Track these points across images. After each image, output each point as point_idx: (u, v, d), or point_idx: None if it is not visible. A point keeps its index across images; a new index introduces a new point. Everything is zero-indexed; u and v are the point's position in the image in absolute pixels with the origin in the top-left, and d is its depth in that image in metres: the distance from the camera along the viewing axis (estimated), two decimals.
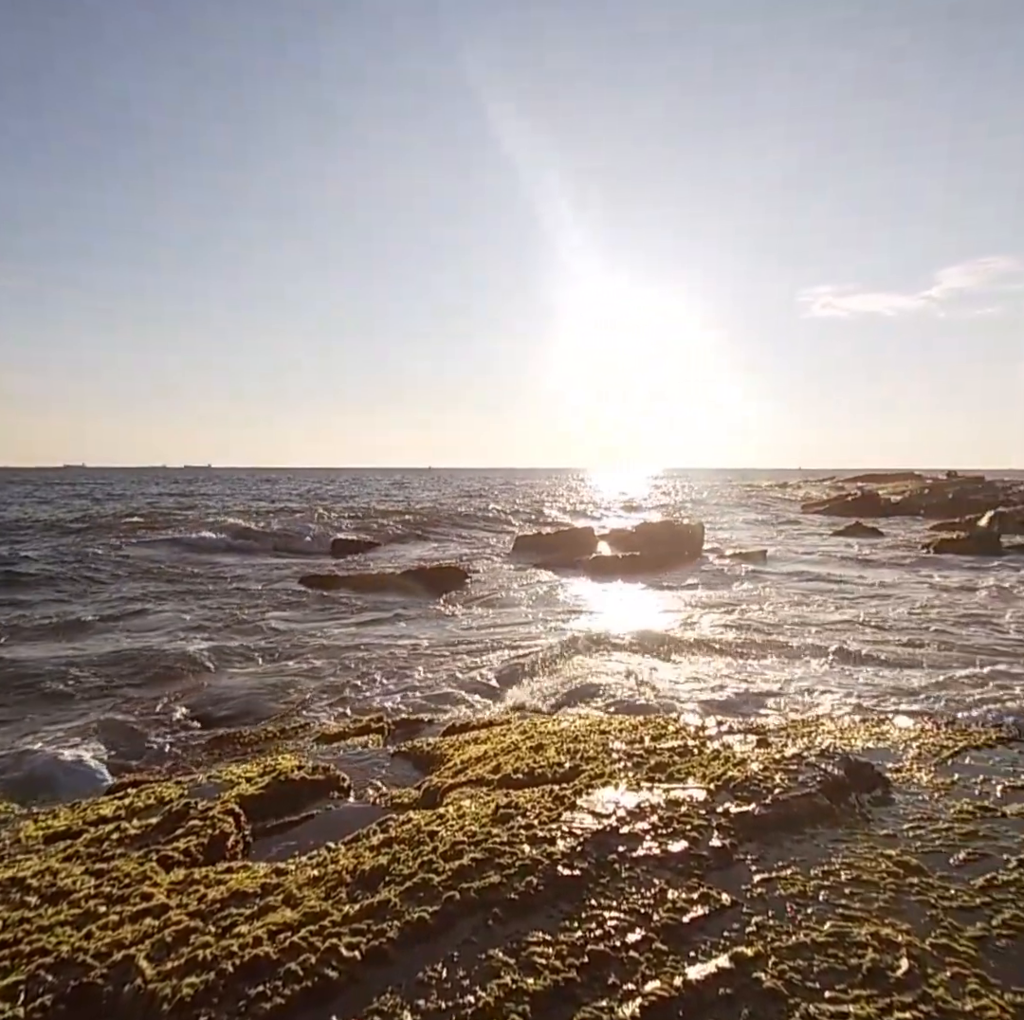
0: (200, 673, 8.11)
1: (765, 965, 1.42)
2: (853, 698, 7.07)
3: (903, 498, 39.44)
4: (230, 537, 22.14)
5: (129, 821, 2.39)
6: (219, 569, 17.04)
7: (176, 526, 25.01)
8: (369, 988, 1.37)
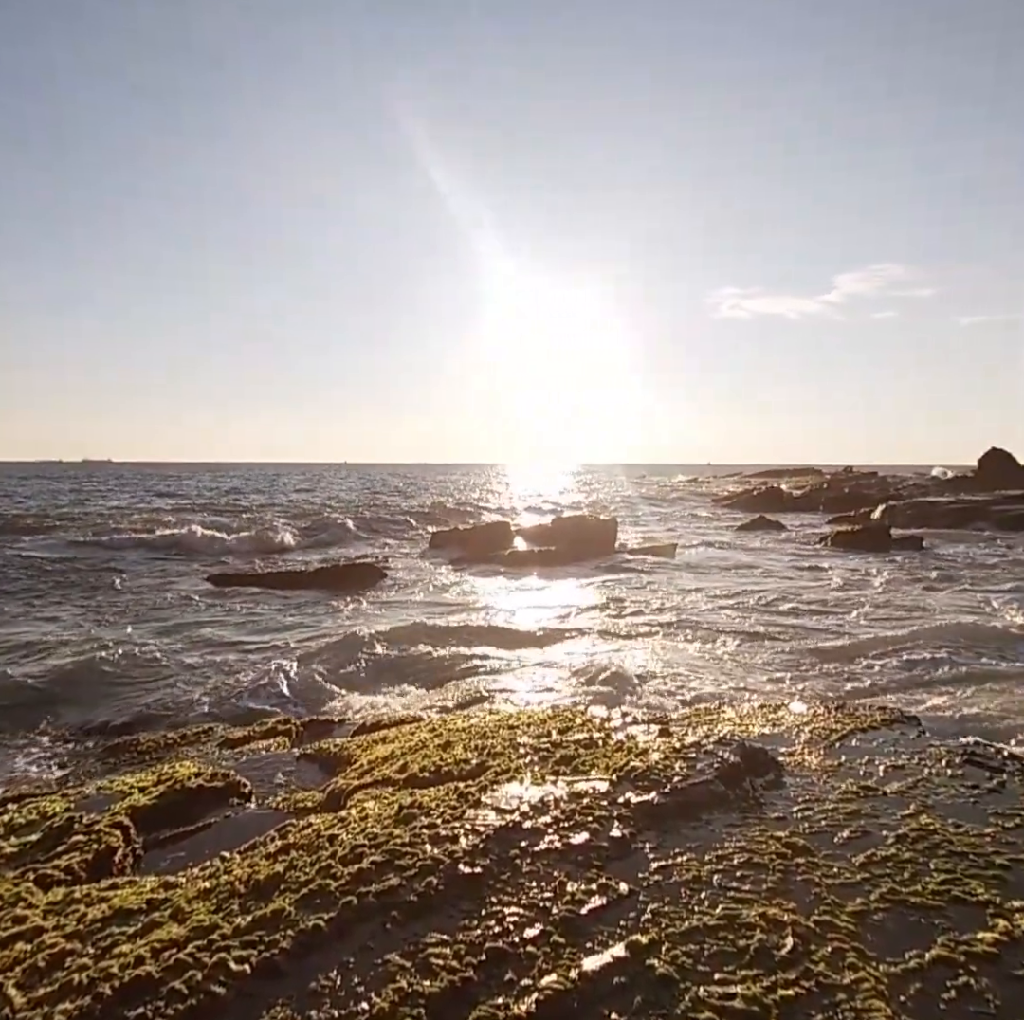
0: (94, 678, 7.72)
1: (659, 952, 1.44)
2: (713, 677, 7.42)
3: (804, 493, 41.31)
4: (131, 535, 21.18)
5: (6, 839, 2.24)
6: (115, 569, 16.26)
7: (76, 526, 23.73)
8: (259, 1002, 1.32)
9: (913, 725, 2.91)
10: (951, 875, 1.73)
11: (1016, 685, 7.28)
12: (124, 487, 53.29)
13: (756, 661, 8.39)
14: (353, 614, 11.48)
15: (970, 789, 2.24)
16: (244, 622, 10.82)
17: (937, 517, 26.45)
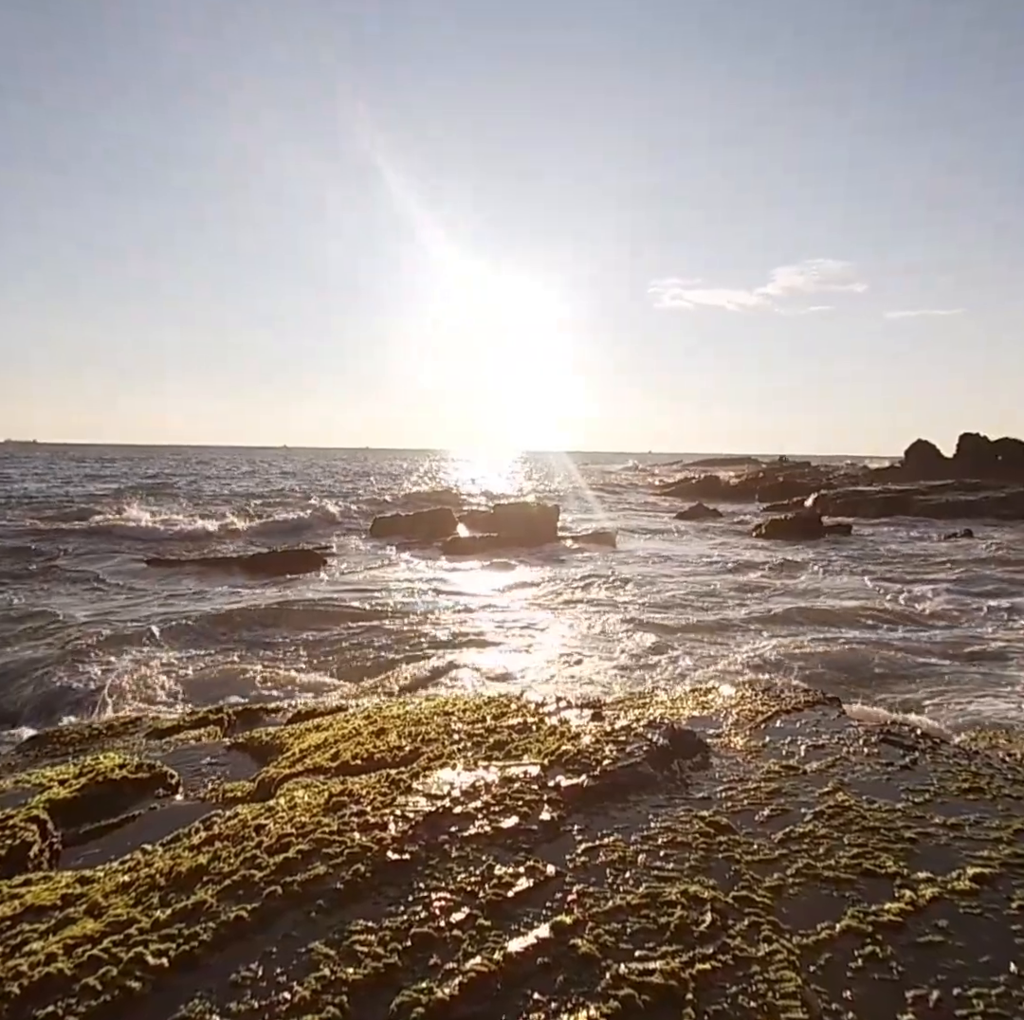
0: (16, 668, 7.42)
1: (583, 931, 1.47)
2: (616, 656, 7.64)
3: (741, 482, 42.32)
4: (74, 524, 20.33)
5: None
6: (43, 553, 15.63)
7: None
8: (176, 996, 1.30)
9: (834, 706, 3.03)
10: (863, 849, 1.81)
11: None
12: (57, 470, 50.91)
13: (646, 640, 8.58)
14: (286, 597, 11.30)
15: (884, 767, 2.34)
16: (176, 599, 10.55)
17: (866, 506, 27.44)
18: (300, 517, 24.45)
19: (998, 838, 1.87)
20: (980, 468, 35.37)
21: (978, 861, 1.76)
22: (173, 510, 24.41)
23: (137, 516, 21.18)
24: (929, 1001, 1.32)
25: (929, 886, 1.65)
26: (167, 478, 45.44)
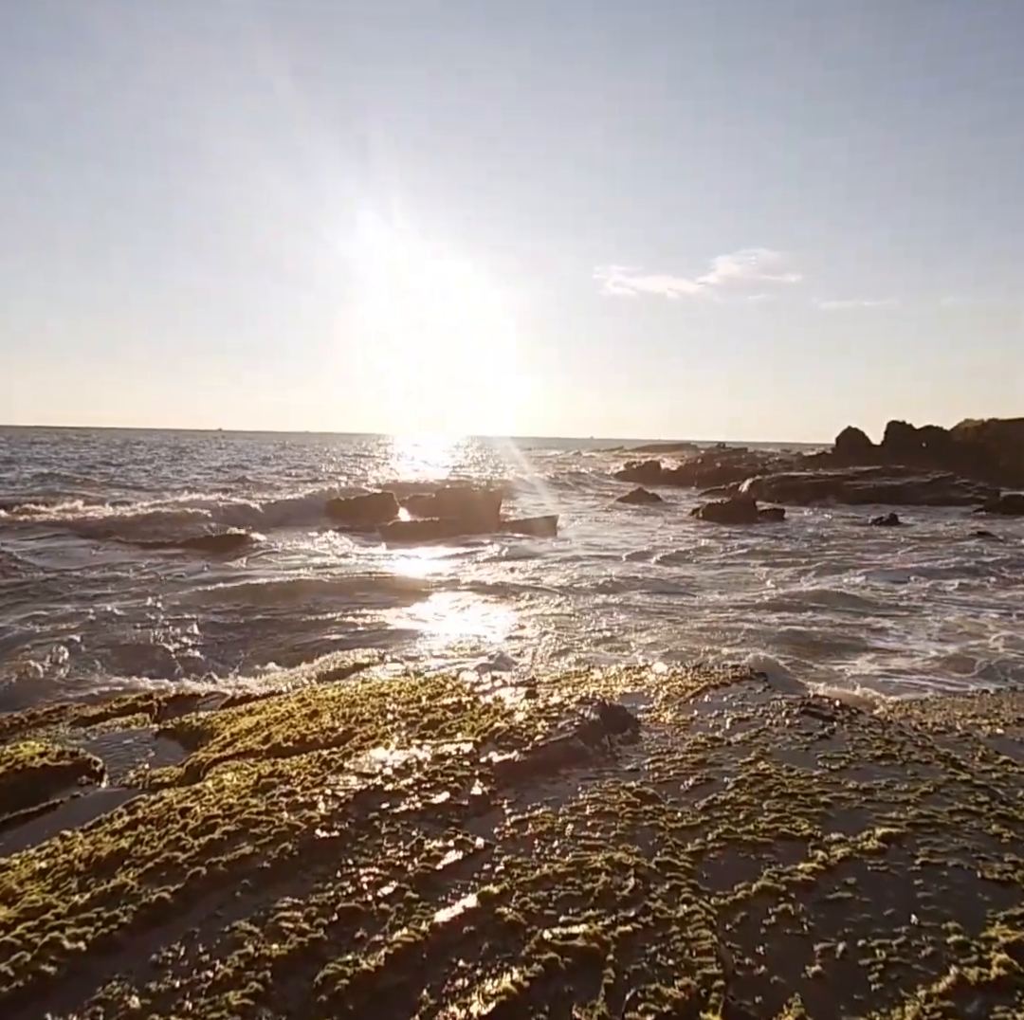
0: None
1: (509, 900, 1.49)
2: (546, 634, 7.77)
3: (680, 468, 43.11)
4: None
5: None
6: None
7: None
8: (94, 979, 1.27)
9: (761, 681, 3.13)
10: (781, 814, 1.88)
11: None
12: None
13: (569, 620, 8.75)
14: (222, 577, 11.07)
15: (804, 737, 2.44)
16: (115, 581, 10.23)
17: (798, 491, 28.29)
18: (237, 498, 23.85)
19: (906, 800, 1.97)
20: (906, 454, 36.82)
21: (886, 822, 1.85)
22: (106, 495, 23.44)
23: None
24: (836, 953, 1.39)
25: (840, 846, 1.73)
26: (89, 464, 43.35)
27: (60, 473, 31.48)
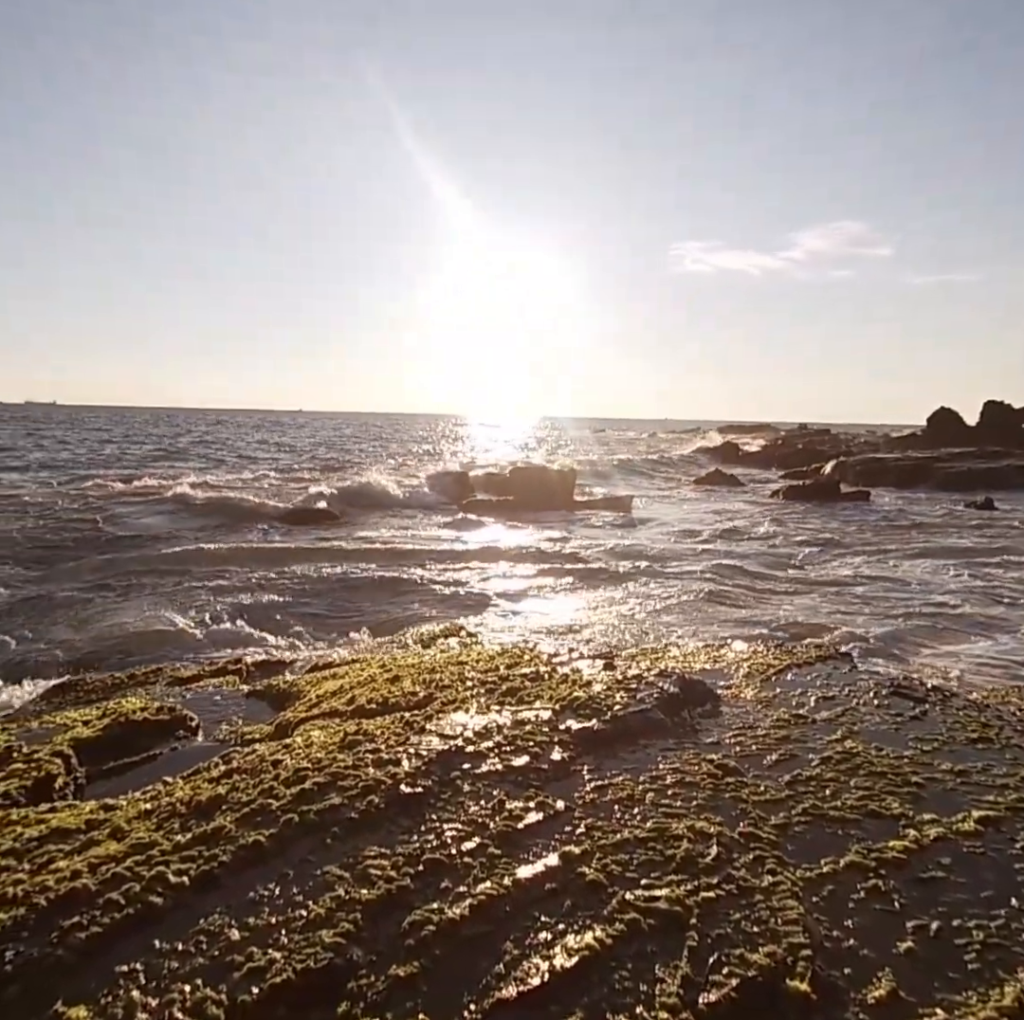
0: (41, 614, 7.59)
1: (590, 861, 1.50)
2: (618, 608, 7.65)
3: (760, 448, 41.96)
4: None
5: None
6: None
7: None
8: (196, 911, 1.35)
9: (846, 660, 3.03)
10: (869, 792, 1.83)
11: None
12: (120, 434, 49.94)
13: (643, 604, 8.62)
14: (311, 547, 11.43)
15: (894, 717, 2.35)
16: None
17: (885, 473, 27.11)
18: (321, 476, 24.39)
19: (1005, 784, 1.88)
20: (1004, 436, 34.77)
21: (984, 805, 1.78)
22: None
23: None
24: (929, 931, 1.34)
25: (933, 827, 1.67)
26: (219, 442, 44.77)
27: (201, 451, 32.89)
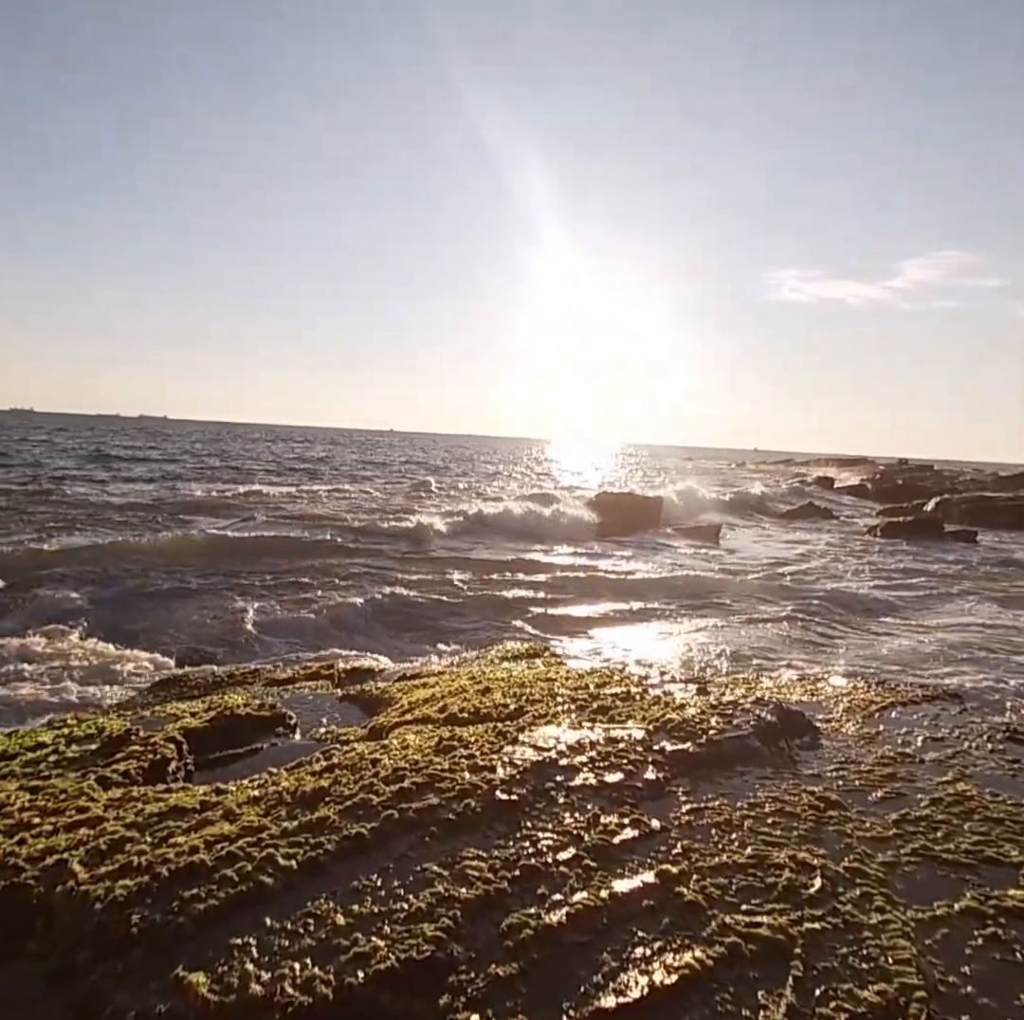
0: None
1: (688, 882, 1.48)
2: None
3: (856, 483, 40.39)
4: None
5: (67, 747, 2.37)
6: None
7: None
8: (304, 894, 1.40)
9: (956, 702, 2.88)
10: (985, 837, 1.73)
11: None
12: (258, 451, 51.58)
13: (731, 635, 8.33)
14: (408, 563, 11.70)
15: (1010, 763, 2.22)
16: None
17: (994, 513, 25.59)
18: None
19: None
20: None
21: None
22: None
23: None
24: None
25: None
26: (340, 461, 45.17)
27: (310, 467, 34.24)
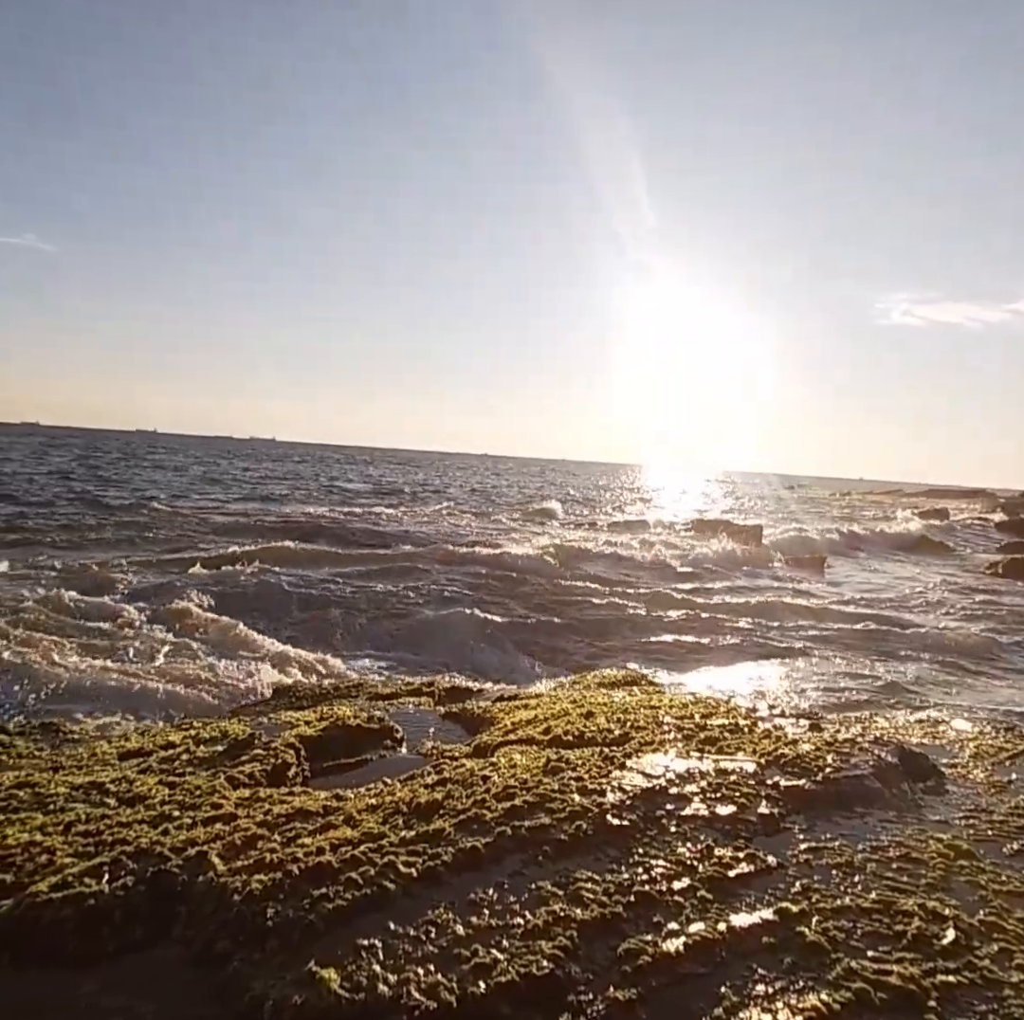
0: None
1: (809, 922, 1.44)
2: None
3: (974, 517, 38.04)
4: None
5: (197, 747, 2.52)
6: None
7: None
8: (423, 902, 1.44)
9: None
10: None
11: None
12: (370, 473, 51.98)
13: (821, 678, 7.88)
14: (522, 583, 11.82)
15: None
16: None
17: None
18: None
19: None
20: None
21: None
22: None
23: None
24: None
25: None
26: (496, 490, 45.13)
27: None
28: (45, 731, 3.22)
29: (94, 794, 1.97)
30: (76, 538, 14.57)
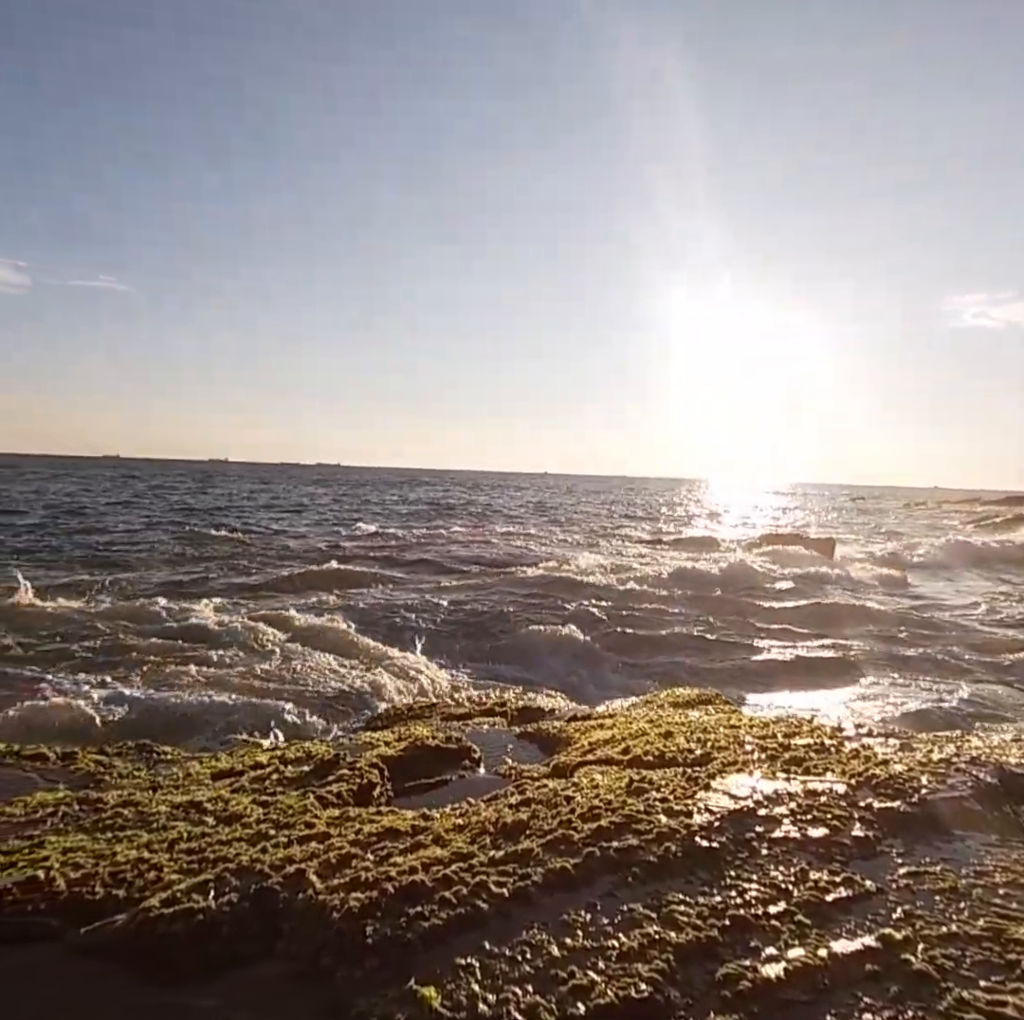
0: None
1: (914, 949, 1.39)
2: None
3: None
4: None
5: (284, 767, 2.59)
6: None
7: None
8: (516, 922, 1.45)
9: None
10: None
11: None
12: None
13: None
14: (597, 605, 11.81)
15: None
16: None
17: None
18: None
19: None
20: None
21: None
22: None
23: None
24: None
25: None
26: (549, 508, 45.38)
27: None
28: (140, 751, 3.36)
29: (193, 813, 2.04)
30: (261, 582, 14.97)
